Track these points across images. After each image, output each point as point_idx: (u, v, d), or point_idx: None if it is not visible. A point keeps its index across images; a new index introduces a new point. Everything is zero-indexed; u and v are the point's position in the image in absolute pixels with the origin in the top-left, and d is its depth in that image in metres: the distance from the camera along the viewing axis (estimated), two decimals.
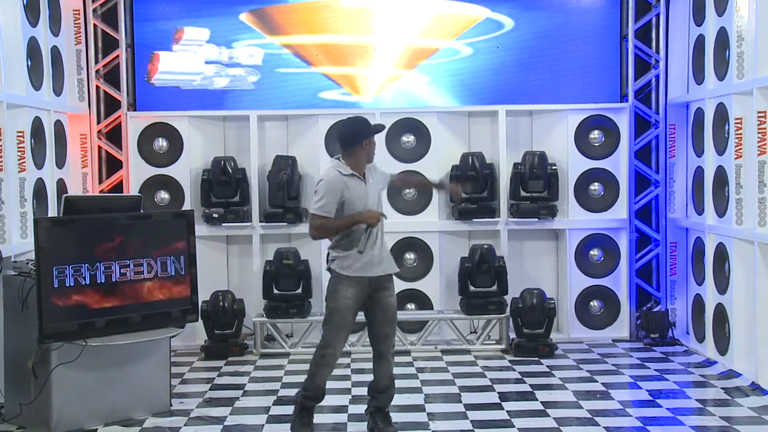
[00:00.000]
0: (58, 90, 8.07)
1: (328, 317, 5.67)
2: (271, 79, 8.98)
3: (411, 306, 8.85)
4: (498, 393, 6.88)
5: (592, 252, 8.86)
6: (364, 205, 5.66)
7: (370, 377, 7.36)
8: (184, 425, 6.19)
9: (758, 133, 6.84)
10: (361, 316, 5.81)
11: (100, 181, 8.95)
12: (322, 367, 5.69)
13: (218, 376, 7.60)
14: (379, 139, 8.64)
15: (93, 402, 6.14)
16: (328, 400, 6.17)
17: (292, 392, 6.85)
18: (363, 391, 6.91)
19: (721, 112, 7.58)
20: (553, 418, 6.18)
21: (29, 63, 7.34)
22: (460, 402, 6.65)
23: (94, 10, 8.85)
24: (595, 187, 8.81)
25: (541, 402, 6.61)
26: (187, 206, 8.63)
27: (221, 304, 8.25)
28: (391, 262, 5.81)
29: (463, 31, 8.96)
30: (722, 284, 7.58)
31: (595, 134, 8.82)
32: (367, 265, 5.63)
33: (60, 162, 8.09)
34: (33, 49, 7.45)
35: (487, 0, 8.94)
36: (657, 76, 8.96)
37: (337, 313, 5.62)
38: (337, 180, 5.62)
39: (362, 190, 5.70)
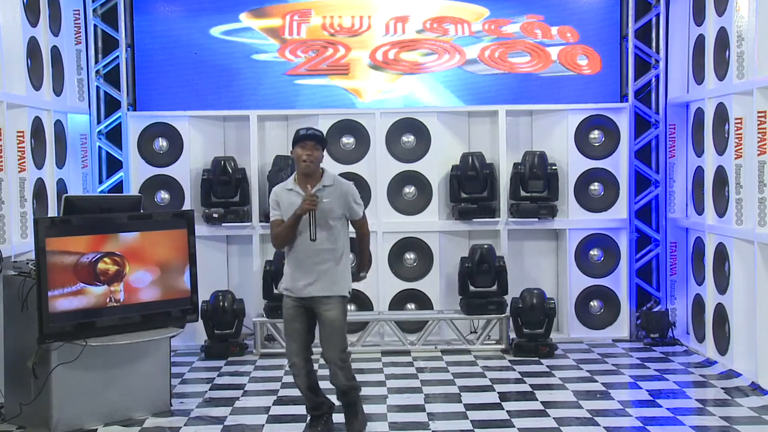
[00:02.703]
0: (58, 90, 8.07)
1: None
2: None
3: (411, 306, 8.85)
4: (498, 393, 6.88)
5: (592, 252, 8.86)
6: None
7: (369, 377, 7.48)
8: (184, 425, 6.19)
9: (758, 133, 6.84)
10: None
11: (100, 181, 8.95)
12: (295, 379, 5.79)
13: (218, 376, 7.60)
14: (379, 138, 8.77)
15: (93, 402, 6.14)
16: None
17: (292, 392, 6.86)
18: (363, 391, 6.88)
19: (721, 112, 7.58)
20: (553, 418, 6.18)
21: (29, 63, 7.34)
22: (460, 402, 6.65)
23: (94, 10, 8.86)
24: (595, 187, 8.81)
25: (541, 402, 6.61)
26: (187, 206, 8.63)
27: (221, 304, 8.25)
28: (332, 284, 5.62)
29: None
30: (722, 284, 7.58)
31: (595, 134, 8.82)
32: (295, 289, 5.64)
33: (60, 162, 8.10)
34: (33, 49, 7.45)
35: (487, 0, 8.94)
36: (657, 76, 8.97)
37: (284, 324, 5.80)
38: (277, 190, 5.77)
39: (294, 207, 5.57)
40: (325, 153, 5.79)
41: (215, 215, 8.59)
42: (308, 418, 5.93)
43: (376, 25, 8.95)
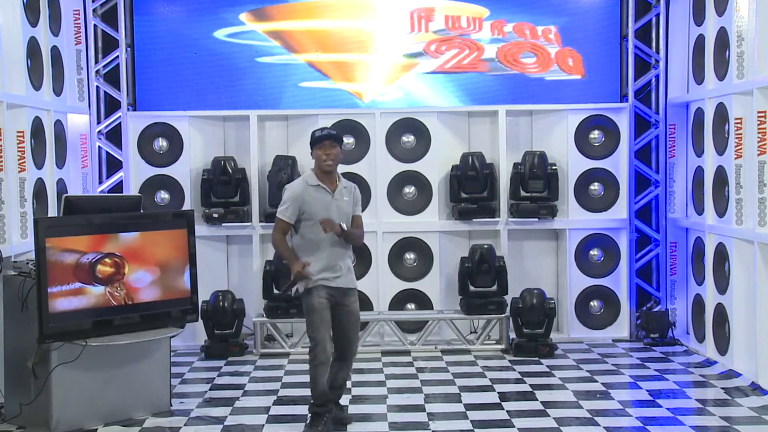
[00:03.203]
0: (58, 90, 8.07)
1: (308, 318, 5.92)
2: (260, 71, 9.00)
3: (411, 306, 8.85)
4: (498, 393, 6.88)
5: (592, 252, 8.86)
6: (327, 217, 5.86)
7: (370, 377, 7.45)
8: (184, 425, 6.19)
9: (758, 133, 6.83)
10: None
11: (100, 181, 8.95)
12: (319, 368, 5.82)
13: (218, 376, 7.60)
14: (379, 138, 8.77)
15: (93, 402, 6.14)
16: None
17: (292, 392, 6.89)
18: (363, 391, 6.95)
19: (721, 112, 7.57)
20: (553, 418, 6.18)
21: (29, 63, 7.34)
22: (460, 402, 6.65)
23: (94, 10, 8.86)
24: (595, 187, 8.81)
25: (541, 402, 6.61)
26: (187, 206, 8.63)
27: (221, 304, 8.24)
28: (351, 278, 6.02)
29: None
30: (722, 284, 7.58)
31: (595, 134, 8.82)
32: (330, 279, 5.89)
33: (60, 162, 8.09)
34: (33, 49, 7.44)
35: (487, 0, 8.94)
36: (657, 76, 8.96)
37: (313, 311, 5.86)
38: (300, 188, 5.94)
39: (327, 203, 5.89)
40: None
41: (215, 215, 8.59)
42: (309, 417, 5.92)
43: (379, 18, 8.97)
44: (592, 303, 8.85)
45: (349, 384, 7.11)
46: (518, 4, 8.96)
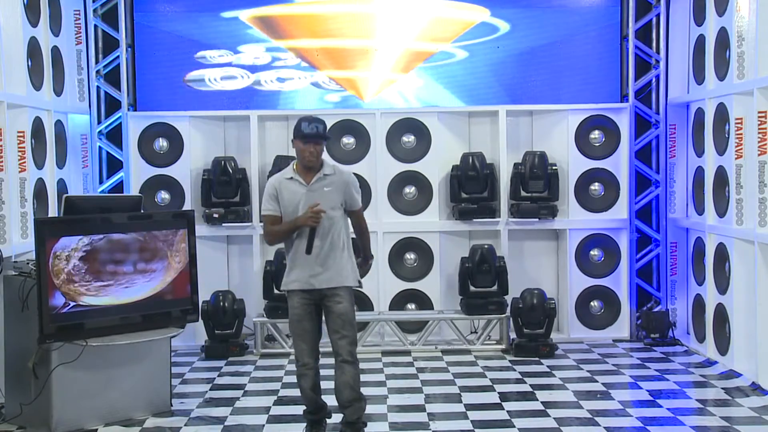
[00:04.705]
0: (58, 90, 8.07)
1: (290, 332, 5.75)
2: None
3: (411, 306, 8.85)
4: (498, 393, 6.88)
5: (592, 252, 8.86)
6: (294, 213, 5.56)
7: (369, 378, 7.41)
8: (185, 425, 6.19)
9: (758, 133, 6.83)
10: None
11: (101, 181, 8.95)
12: (301, 380, 5.65)
13: (218, 376, 7.61)
14: (380, 138, 8.77)
15: (93, 402, 6.14)
16: (329, 401, 6.15)
17: (292, 392, 6.87)
18: (363, 391, 6.90)
19: (722, 112, 7.58)
20: (554, 418, 6.18)
21: (29, 63, 7.35)
22: (461, 402, 6.65)
23: (95, 10, 8.86)
24: (596, 187, 8.81)
25: (542, 402, 6.61)
26: (187, 206, 8.63)
27: (221, 304, 8.24)
28: (339, 275, 5.57)
29: (460, 33, 8.96)
30: (722, 284, 7.58)
31: (596, 134, 8.82)
32: (302, 280, 5.56)
33: (60, 162, 8.10)
34: (33, 49, 7.45)
35: (487, 1, 8.94)
36: (657, 76, 8.96)
37: (291, 325, 5.66)
38: (275, 182, 5.67)
39: (297, 196, 5.57)
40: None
41: (216, 215, 8.59)
42: (306, 425, 5.81)
43: (377, 26, 8.95)
44: (592, 303, 8.85)
45: None
46: (518, 4, 8.95)
